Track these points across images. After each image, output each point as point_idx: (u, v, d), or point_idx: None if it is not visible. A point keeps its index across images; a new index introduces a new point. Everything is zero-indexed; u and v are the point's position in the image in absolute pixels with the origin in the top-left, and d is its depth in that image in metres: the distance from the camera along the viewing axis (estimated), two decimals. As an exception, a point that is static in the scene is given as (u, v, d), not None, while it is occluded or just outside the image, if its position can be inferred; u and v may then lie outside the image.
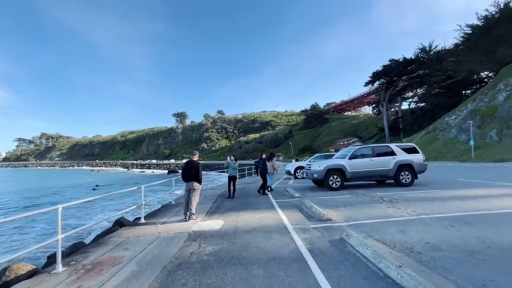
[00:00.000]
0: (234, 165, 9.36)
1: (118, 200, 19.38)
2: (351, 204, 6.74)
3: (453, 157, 29.51)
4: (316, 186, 11.20)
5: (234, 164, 9.37)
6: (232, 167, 9.29)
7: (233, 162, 9.43)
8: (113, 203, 18.48)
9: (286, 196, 8.78)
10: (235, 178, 9.47)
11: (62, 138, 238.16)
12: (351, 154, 9.65)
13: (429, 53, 55.28)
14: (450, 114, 37.08)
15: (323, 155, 16.30)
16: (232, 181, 9.40)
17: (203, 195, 10.44)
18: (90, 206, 17.78)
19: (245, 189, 11.98)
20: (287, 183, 13.75)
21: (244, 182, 16.76)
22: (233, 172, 9.33)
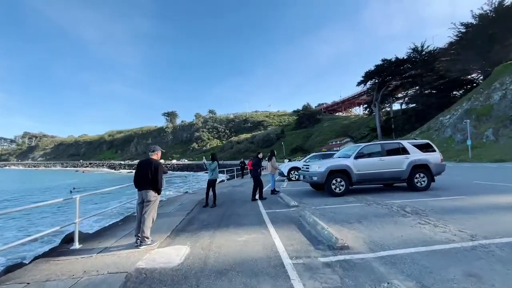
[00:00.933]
0: (211, 167, 7.57)
1: (101, 204, 17.39)
2: (366, 217, 5.09)
3: (449, 157, 28.65)
4: (315, 190, 9.58)
5: (210, 165, 7.61)
6: (209, 168, 7.56)
7: (210, 162, 7.67)
8: (88, 208, 16.31)
9: (279, 205, 7.06)
10: (214, 182, 7.70)
11: (46, 137, 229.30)
12: (357, 152, 8.04)
13: (421, 53, 55.08)
14: (445, 114, 36.45)
15: (319, 154, 14.72)
16: (210, 186, 7.66)
17: (179, 202, 8.61)
18: (57, 212, 15.63)
19: (231, 194, 10.22)
20: (280, 186, 12.07)
21: (232, 184, 14.97)
22: (210, 175, 7.58)
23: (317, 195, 8.34)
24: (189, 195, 10.82)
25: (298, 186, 11.31)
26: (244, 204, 7.44)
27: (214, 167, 7.52)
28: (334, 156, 9.55)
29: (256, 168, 8.41)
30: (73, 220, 4.46)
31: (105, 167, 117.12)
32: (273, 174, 9.34)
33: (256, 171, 8.41)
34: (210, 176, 7.56)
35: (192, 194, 11.00)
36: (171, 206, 7.94)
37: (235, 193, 10.49)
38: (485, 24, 33.81)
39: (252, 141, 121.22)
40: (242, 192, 10.50)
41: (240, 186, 13.18)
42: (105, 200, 19.60)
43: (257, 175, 8.45)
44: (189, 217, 6.19)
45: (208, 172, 7.57)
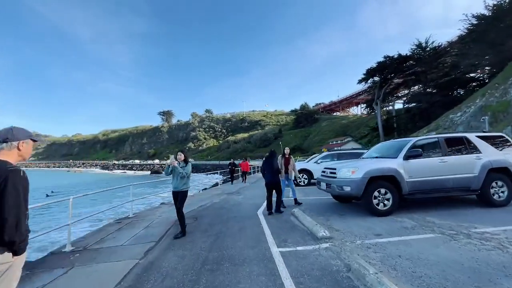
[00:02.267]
0: (181, 171, 4.75)
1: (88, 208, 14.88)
2: (490, 277, 2.53)
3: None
4: (337, 201, 7.04)
5: (180, 168, 4.78)
6: (176, 173, 4.77)
7: (179, 164, 4.90)
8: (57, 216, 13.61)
9: (298, 234, 4.42)
10: (183, 195, 4.87)
11: (39, 136, 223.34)
12: (408, 149, 5.49)
13: (425, 50, 53.03)
14: (455, 111, 34.14)
15: (334, 153, 12.15)
16: (178, 202, 4.84)
17: (147, 222, 5.97)
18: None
19: (223, 207, 7.60)
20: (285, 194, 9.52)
21: (226, 190, 12.35)
22: (176, 184, 4.81)
23: (348, 213, 5.77)
24: (166, 208, 8.17)
25: (310, 194, 8.75)
26: (243, 230, 4.83)
27: (185, 172, 4.77)
28: (364, 156, 7.01)
29: (273, 170, 6.26)
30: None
31: (98, 167, 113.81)
32: (291, 178, 7.05)
33: (276, 175, 6.30)
34: (176, 185, 4.80)
35: (170, 207, 8.35)
36: (130, 231, 5.31)
37: (230, 205, 7.87)
38: (500, 15, 31.62)
39: (249, 140, 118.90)
40: (238, 204, 7.90)
41: (236, 194, 10.58)
42: (89, 204, 17.04)
43: (278, 180, 6.32)
44: (147, 261, 3.54)
45: (173, 179, 4.87)
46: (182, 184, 4.79)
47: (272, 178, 6.23)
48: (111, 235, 4.92)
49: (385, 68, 57.74)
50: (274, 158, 6.48)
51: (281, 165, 6.80)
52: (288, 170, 6.84)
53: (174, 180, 4.85)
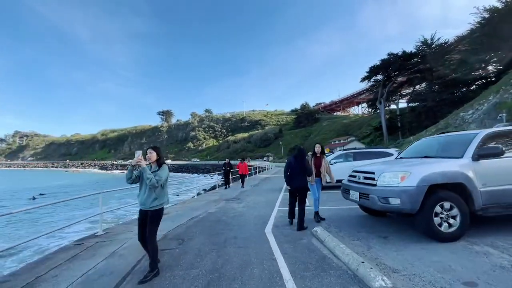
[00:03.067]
0: (150, 177, 3.03)
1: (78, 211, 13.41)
2: None
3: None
4: (365, 213, 5.49)
5: (149, 173, 3.09)
6: (145, 179, 3.09)
7: (150, 167, 3.32)
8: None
9: (332, 273, 2.87)
10: (155, 216, 3.21)
11: (37, 136, 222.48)
12: (477, 145, 3.92)
13: (431, 46, 51.53)
14: (466, 109, 32.63)
15: (348, 153, 10.56)
16: (145, 225, 3.21)
17: (112, 249, 4.39)
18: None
19: (220, 220, 6.01)
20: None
21: (225, 195, 10.77)
22: (144, 198, 3.17)
23: (391, 233, 4.19)
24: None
25: (324, 203, 7.14)
26: (247, 266, 3.23)
27: (160, 178, 3.13)
28: (402, 155, 5.43)
29: (305, 172, 4.94)
30: None
31: (96, 167, 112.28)
32: (321, 183, 5.46)
33: (304, 178, 4.95)
34: (144, 200, 3.17)
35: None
36: (86, 262, 3.69)
37: (229, 217, 6.28)
38: (514, 8, 30.06)
39: (249, 140, 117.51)
40: (240, 216, 6.32)
41: (236, 201, 9.00)
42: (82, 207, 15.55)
43: (305, 185, 4.96)
44: None
45: (141, 190, 3.27)
46: (153, 200, 3.18)
47: (302, 183, 4.92)
48: (54, 271, 3.34)
49: (389, 65, 56.33)
50: (305, 157, 5.05)
51: (311, 165, 5.32)
52: (321, 174, 5.29)
53: (142, 192, 3.25)
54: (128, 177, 3.25)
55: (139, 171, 3.26)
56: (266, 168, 35.48)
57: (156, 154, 3.34)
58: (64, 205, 17.29)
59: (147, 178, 3.07)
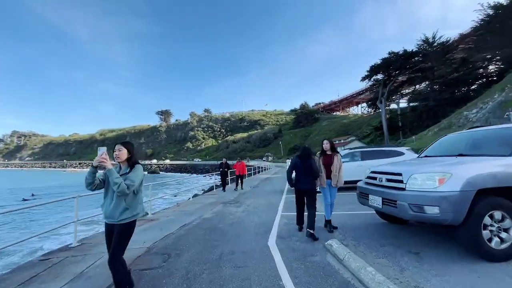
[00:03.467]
0: (118, 181, 2.30)
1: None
2: None
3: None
4: (382, 220, 4.75)
5: (117, 176, 2.35)
6: (111, 185, 2.37)
7: (119, 168, 2.59)
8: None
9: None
10: (124, 231, 2.46)
11: (36, 136, 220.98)
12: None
13: (432, 45, 50.91)
14: (470, 108, 32.12)
15: (354, 151, 9.80)
16: (112, 242, 2.46)
17: (81, 268, 3.63)
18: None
19: (213, 230, 5.26)
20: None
21: (223, 198, 10.01)
22: (111, 209, 2.42)
23: (424, 248, 3.45)
24: (136, 229, 5.81)
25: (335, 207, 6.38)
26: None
27: (127, 187, 2.35)
28: (425, 153, 4.70)
29: (312, 173, 4.40)
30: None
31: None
32: (334, 187, 4.60)
33: (311, 179, 4.43)
34: (111, 211, 2.42)
35: (145, 229, 5.98)
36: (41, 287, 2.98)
37: (226, 224, 5.52)
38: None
39: (248, 140, 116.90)
40: (238, 223, 5.56)
41: (235, 204, 8.24)
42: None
43: (312, 187, 4.44)
44: None
45: (106, 197, 2.54)
46: (122, 210, 2.43)
47: (308, 185, 4.42)
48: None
49: (390, 64, 55.66)
50: (312, 157, 4.50)
51: (320, 166, 4.59)
52: (332, 174, 4.50)
53: (107, 201, 2.51)
54: (89, 182, 2.47)
55: (104, 174, 2.51)
56: (266, 168, 34.73)
57: (127, 151, 2.58)
58: (56, 205, 16.53)
59: (114, 183, 2.32)
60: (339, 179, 4.45)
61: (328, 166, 4.49)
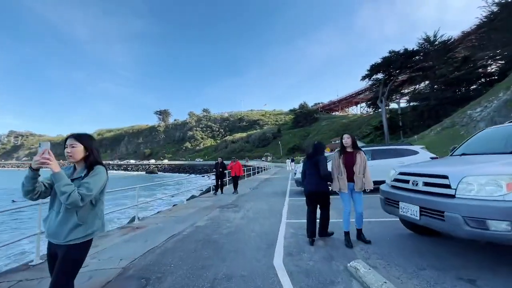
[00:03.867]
0: (67, 190, 1.59)
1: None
2: None
3: (488, 157, 23.48)
4: (408, 230, 3.96)
5: (67, 182, 1.60)
6: (58, 193, 1.62)
7: (70, 169, 1.85)
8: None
9: None
10: (74, 256, 1.69)
11: (33, 136, 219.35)
12: None
13: (433, 43, 50.31)
14: (474, 107, 31.43)
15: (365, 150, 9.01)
16: (55, 269, 1.69)
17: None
18: None
19: (206, 244, 4.46)
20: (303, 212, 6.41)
21: (220, 202, 9.21)
22: (56, 226, 1.69)
23: (480, 274, 2.67)
24: (115, 239, 5.00)
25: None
26: None
27: (81, 197, 1.61)
28: (461, 150, 3.93)
29: (320, 174, 3.84)
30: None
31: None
32: (358, 192, 3.72)
33: (323, 181, 3.91)
34: (56, 228, 1.68)
35: (124, 241, 5.18)
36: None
37: (222, 234, 4.70)
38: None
39: (247, 140, 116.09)
40: (236, 232, 4.76)
41: (233, 208, 7.44)
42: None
43: (325, 189, 3.93)
44: None
45: (51, 208, 1.77)
46: (72, 227, 1.70)
47: (317, 186, 3.92)
48: None
49: (391, 63, 55.09)
50: (321, 155, 3.92)
51: (339, 166, 3.77)
52: (355, 176, 3.68)
53: (53, 213, 1.76)
54: (27, 190, 1.67)
55: (50, 179, 1.72)
56: (265, 168, 33.93)
57: (84, 148, 1.80)
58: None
59: (61, 192, 1.56)
60: (366, 182, 3.66)
61: (350, 166, 3.69)
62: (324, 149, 4.12)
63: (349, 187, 3.66)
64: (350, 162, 3.67)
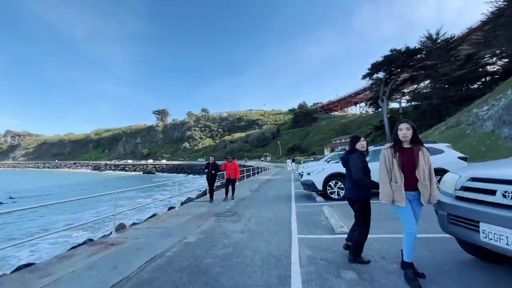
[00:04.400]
0: None
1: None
2: None
3: (497, 157, 22.52)
4: (471, 255, 2.90)
5: None
6: None
7: None
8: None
9: None
10: None
11: (30, 136, 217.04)
12: None
13: (436, 41, 49.47)
14: (480, 105, 30.46)
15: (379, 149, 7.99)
16: None
17: None
18: None
19: (194, 277, 3.39)
20: (315, 216, 5.30)
21: (214, 207, 8.14)
22: None
23: None
24: (85, 255, 3.93)
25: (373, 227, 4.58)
26: None
27: None
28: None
29: (353, 176, 3.02)
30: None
31: (89, 168, 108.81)
32: (425, 204, 2.53)
33: (354, 187, 3.04)
34: None
35: (93, 254, 4.11)
36: None
37: (217, 258, 3.61)
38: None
39: (246, 140, 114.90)
40: (236, 253, 3.69)
41: (231, 217, 6.35)
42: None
43: (356, 196, 3.06)
44: None
45: None
46: None
47: (349, 192, 3.16)
48: None
49: (392, 62, 54.28)
50: (354, 152, 3.09)
51: (392, 168, 2.57)
52: (419, 184, 2.48)
53: None
54: None
55: None
56: (265, 168, 32.86)
57: None
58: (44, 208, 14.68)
59: None
60: (431, 192, 2.52)
61: (410, 169, 2.53)
62: (356, 143, 3.08)
63: (407, 198, 2.54)
64: (409, 163, 2.53)
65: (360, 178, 2.91)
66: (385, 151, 2.66)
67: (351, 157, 3.01)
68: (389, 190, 2.56)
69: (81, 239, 8.43)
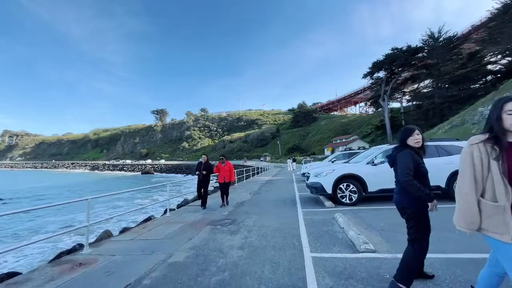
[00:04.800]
0: None
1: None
2: None
3: (505, 157, 21.82)
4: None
5: None
6: None
7: None
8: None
9: None
10: None
11: (28, 135, 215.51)
12: None
13: (438, 40, 48.74)
14: (486, 103, 29.84)
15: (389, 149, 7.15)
16: None
17: None
18: None
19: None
20: (329, 228, 4.46)
21: (211, 213, 7.28)
22: None
23: None
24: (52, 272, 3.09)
25: (388, 235, 3.71)
26: None
27: None
28: None
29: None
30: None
31: (87, 168, 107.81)
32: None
33: (402, 192, 2.23)
34: None
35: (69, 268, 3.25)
36: None
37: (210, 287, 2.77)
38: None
39: (245, 140, 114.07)
40: (234, 280, 2.82)
41: (229, 228, 5.47)
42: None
43: (404, 203, 2.24)
44: None
45: None
46: None
47: (396, 197, 2.43)
48: None
49: (393, 60, 53.59)
50: (402, 148, 2.30)
51: (488, 176, 1.53)
52: None
53: None
54: None
55: None
56: (265, 168, 32.00)
57: None
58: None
59: None
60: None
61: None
62: (408, 137, 2.26)
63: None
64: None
65: (407, 181, 2.11)
66: (475, 147, 1.65)
67: (399, 154, 2.20)
68: (475, 211, 1.60)
69: (66, 245, 7.57)
